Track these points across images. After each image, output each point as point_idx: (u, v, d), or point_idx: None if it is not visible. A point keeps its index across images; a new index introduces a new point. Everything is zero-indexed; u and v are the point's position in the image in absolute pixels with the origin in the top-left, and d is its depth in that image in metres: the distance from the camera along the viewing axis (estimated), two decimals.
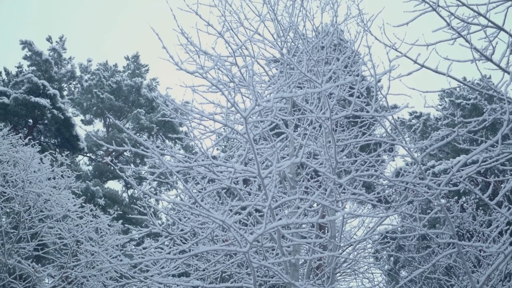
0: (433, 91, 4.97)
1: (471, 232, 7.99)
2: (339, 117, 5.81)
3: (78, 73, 22.33)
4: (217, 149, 17.30)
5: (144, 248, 6.57)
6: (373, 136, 7.95)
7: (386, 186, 6.52)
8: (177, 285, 5.81)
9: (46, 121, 16.65)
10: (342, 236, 6.97)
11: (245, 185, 7.13)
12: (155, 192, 20.00)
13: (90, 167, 20.74)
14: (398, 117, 16.23)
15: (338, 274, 8.64)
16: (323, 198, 5.84)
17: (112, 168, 18.34)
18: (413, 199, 5.72)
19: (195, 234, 7.15)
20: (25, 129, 17.12)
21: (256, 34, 7.53)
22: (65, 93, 21.26)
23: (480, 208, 9.43)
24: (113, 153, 21.04)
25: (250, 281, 6.68)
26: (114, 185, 21.91)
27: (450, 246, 7.91)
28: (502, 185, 5.88)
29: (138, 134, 21.35)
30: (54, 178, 10.07)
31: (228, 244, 5.77)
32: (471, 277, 5.36)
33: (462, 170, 5.38)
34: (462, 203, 8.26)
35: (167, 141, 21.33)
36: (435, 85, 5.43)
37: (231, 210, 5.32)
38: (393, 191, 6.33)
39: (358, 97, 6.27)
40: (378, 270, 10.14)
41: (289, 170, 7.04)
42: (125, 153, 21.89)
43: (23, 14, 59.08)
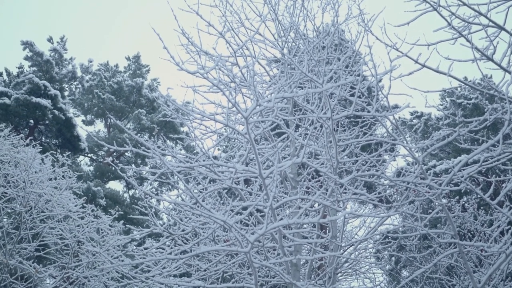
0: (434, 91, 4.97)
1: (473, 232, 7.97)
2: (340, 117, 5.82)
3: (79, 74, 22.34)
4: (218, 150, 17.34)
5: (146, 249, 6.58)
6: (374, 136, 7.93)
7: (387, 186, 6.52)
8: (179, 286, 5.82)
9: (47, 122, 16.67)
10: (343, 236, 6.97)
11: (246, 185, 7.14)
12: (156, 193, 19.98)
13: (91, 168, 20.75)
14: (399, 117, 16.23)
15: (340, 274, 8.64)
16: (324, 198, 5.84)
17: (113, 169, 18.34)
18: (414, 199, 5.72)
19: (197, 235, 7.16)
20: (26, 130, 17.12)
21: (257, 34, 7.52)
22: (66, 94, 21.27)
23: (482, 208, 9.41)
24: (114, 154, 21.05)
25: (252, 281, 6.68)
26: (115, 186, 21.96)
27: (452, 246, 7.90)
28: (503, 185, 5.88)
29: (139, 135, 21.33)
30: (55, 179, 10.08)
31: (230, 244, 5.77)
32: (473, 277, 5.35)
33: (463, 170, 5.38)
34: (463, 203, 8.24)
35: (168, 142, 21.30)
36: (436, 85, 5.41)
37: (232, 210, 5.31)
38: (394, 191, 6.33)
39: (359, 97, 6.26)
40: (380, 270, 10.12)
41: (290, 170, 7.04)
42: (126, 154, 21.89)
43: (24, 14, 59.21)
